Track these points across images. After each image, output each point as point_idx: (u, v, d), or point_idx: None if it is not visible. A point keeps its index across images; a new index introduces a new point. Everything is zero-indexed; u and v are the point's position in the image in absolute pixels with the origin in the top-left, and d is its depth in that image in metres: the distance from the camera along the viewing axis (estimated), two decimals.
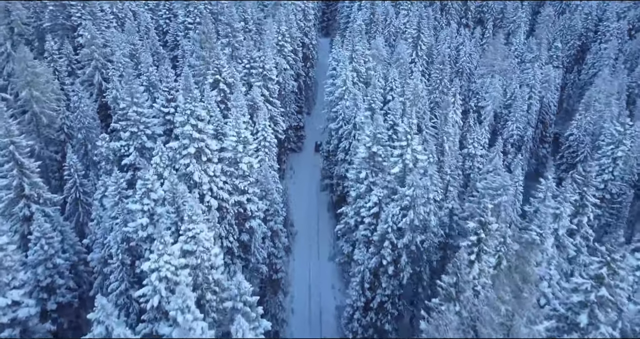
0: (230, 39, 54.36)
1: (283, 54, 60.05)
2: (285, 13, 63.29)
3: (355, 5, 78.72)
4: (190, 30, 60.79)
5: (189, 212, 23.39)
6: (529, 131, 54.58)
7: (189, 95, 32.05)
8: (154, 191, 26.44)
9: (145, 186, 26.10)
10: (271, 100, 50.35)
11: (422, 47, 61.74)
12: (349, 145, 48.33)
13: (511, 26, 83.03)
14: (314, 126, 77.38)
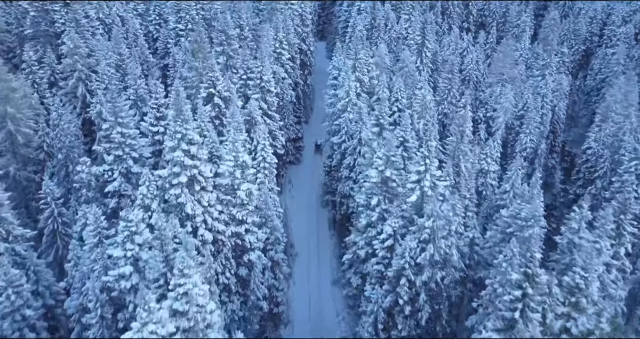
0: (224, 47, 50.18)
1: (281, 62, 55.93)
2: (283, 18, 59.17)
3: (354, 10, 74.66)
4: (181, 37, 56.46)
5: (180, 265, 19.23)
6: (542, 144, 50.86)
7: (180, 117, 27.84)
8: (138, 234, 22.23)
9: (129, 229, 21.88)
10: (270, 113, 46.21)
11: (426, 54, 57.84)
12: (353, 162, 44.30)
13: (515, 30, 79.27)
14: (312, 134, 73.65)
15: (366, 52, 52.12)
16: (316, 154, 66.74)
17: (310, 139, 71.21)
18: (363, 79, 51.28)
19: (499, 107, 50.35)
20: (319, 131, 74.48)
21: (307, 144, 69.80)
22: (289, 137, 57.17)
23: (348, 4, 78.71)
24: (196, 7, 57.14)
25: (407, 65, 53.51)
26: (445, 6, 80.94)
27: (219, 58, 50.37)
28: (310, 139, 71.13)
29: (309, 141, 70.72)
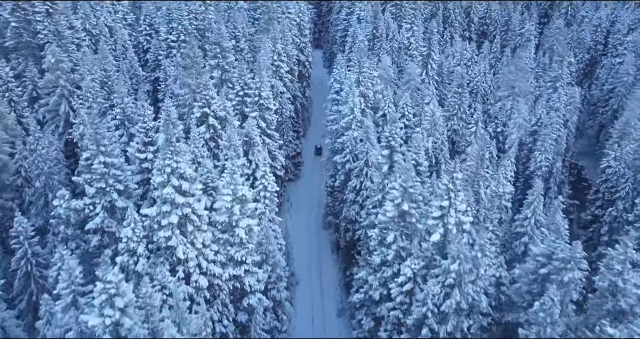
0: (219, 60, 46.22)
1: (279, 75, 52.09)
2: (281, 29, 55.35)
3: (353, 18, 71.04)
4: (173, 48, 52.52)
5: None
6: (558, 162, 47.38)
7: (170, 148, 23.88)
8: (120, 296, 18.23)
9: (107, 291, 17.89)
10: (269, 133, 42.33)
11: (432, 66, 54.25)
12: (360, 184, 40.47)
13: (518, 39, 76.13)
14: (310, 146, 69.94)
15: (370, 65, 48.41)
16: (316, 156, 65.88)
17: (309, 152, 67.67)
18: (367, 94, 47.56)
19: (512, 123, 46.81)
20: (317, 140, 70.99)
21: (306, 159, 66.11)
22: (287, 155, 53.27)
23: (347, 13, 75.08)
24: (189, 17, 53.19)
25: (413, 79, 49.89)
26: (446, 15, 77.60)
27: (214, 72, 46.47)
28: (309, 153, 67.54)
29: (308, 154, 67.06)
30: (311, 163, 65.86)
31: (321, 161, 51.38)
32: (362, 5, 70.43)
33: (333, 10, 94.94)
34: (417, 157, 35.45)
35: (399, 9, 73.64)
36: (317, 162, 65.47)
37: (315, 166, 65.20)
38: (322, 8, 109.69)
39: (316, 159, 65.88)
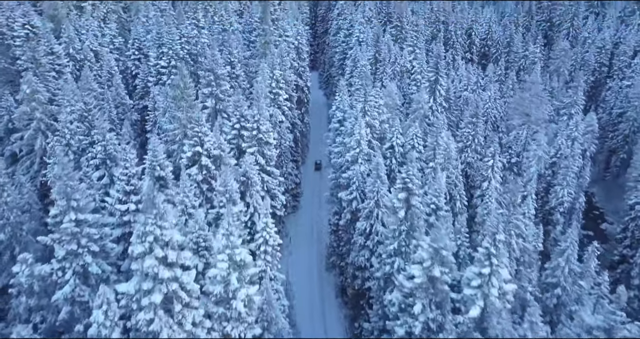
0: (213, 88, 41.78)
1: (277, 103, 47.62)
2: (279, 53, 51.04)
3: (352, 41, 67.05)
4: (163, 75, 47.93)
5: None
6: (581, 197, 43.16)
7: (153, 211, 19.07)
8: None
9: None
10: (268, 169, 37.64)
11: (440, 93, 50.12)
12: (370, 227, 35.73)
13: (522, 62, 72.64)
14: (309, 174, 65.64)
15: (376, 93, 44.13)
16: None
17: (308, 180, 63.25)
18: (374, 124, 43.20)
19: (531, 155, 42.56)
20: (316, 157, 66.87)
21: (305, 189, 61.54)
22: (287, 188, 48.53)
23: (345, 35, 71.17)
24: (180, 42, 48.72)
25: (422, 107, 45.70)
26: (447, 36, 74.05)
27: (207, 101, 41.96)
28: (308, 181, 63.07)
29: (306, 183, 62.53)
30: (310, 187, 61.70)
31: (324, 195, 46.97)
32: (362, 27, 66.54)
33: (329, 31, 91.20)
34: (437, 201, 30.92)
35: (399, 31, 69.96)
36: (316, 186, 61.91)
37: (315, 190, 61.27)
38: (318, 28, 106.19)
39: (315, 178, 63.82)
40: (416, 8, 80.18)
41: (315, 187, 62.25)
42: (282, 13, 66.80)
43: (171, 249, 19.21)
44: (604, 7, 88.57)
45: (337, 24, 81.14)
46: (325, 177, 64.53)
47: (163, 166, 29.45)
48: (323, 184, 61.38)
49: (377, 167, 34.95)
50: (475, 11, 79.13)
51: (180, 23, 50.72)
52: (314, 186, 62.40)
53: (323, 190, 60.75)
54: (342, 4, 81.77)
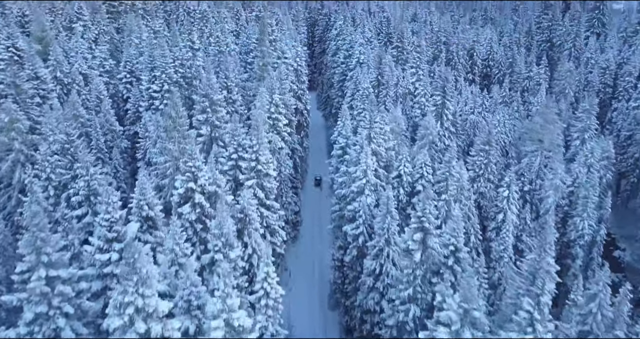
0: (208, 114, 38.82)
1: (277, 129, 44.67)
2: (277, 76, 48.28)
3: (352, 62, 64.56)
4: (155, 99, 44.90)
5: None
6: (602, 230, 40.15)
7: (134, 274, 15.73)
8: None
9: None
10: (268, 204, 34.40)
11: (447, 117, 47.38)
12: (379, 267, 32.41)
13: (526, 83, 70.37)
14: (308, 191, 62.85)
15: (382, 118, 41.25)
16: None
17: (308, 202, 60.27)
18: (380, 152, 40.22)
19: (547, 185, 39.61)
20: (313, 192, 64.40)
21: (304, 212, 58.34)
22: (287, 219, 45.22)
23: (345, 56, 68.78)
24: (174, 65, 45.86)
25: (430, 133, 42.84)
26: (449, 57, 71.86)
27: (202, 128, 38.94)
28: (307, 203, 60.04)
29: (306, 205, 59.47)
30: (310, 209, 59.17)
31: (325, 222, 43.73)
32: (362, 48, 64.16)
33: (327, 52, 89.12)
34: (456, 241, 27.71)
35: (401, 52, 67.64)
36: (316, 207, 59.50)
37: (315, 214, 58.55)
38: (315, 48, 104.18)
39: (315, 197, 61.98)
40: (416, 28, 78.17)
41: (315, 209, 59.73)
42: (279, 34, 64.41)
43: (155, 320, 15.84)
44: (605, 27, 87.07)
45: (336, 45, 78.99)
46: (325, 194, 63.54)
47: (152, 205, 26.22)
48: (323, 204, 59.70)
49: (387, 202, 31.80)
50: (477, 31, 77.15)
51: (174, 45, 47.97)
52: (314, 208, 59.89)
53: (323, 212, 58.53)
54: (340, 24, 79.77)
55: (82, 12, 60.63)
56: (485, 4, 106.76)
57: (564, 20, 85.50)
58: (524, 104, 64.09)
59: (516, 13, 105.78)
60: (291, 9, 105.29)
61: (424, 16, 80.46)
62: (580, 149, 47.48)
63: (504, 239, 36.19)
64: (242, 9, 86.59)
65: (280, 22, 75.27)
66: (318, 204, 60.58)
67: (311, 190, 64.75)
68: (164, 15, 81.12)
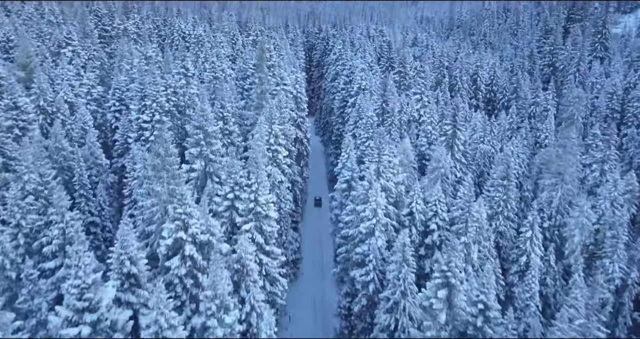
0: (202, 148, 35.25)
1: (276, 161, 41.11)
2: (277, 104, 45.00)
3: (354, 88, 61.52)
4: (145, 130, 41.36)
5: None
6: (633, 272, 36.50)
7: None
8: None
9: None
10: (268, 249, 30.51)
11: (458, 147, 44.10)
12: (395, 323, 28.46)
13: (533, 109, 67.61)
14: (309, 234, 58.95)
15: (390, 150, 37.88)
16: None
17: (308, 231, 56.82)
18: (389, 187, 36.67)
19: (573, 223, 36.05)
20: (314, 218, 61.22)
21: (305, 241, 54.72)
22: (287, 260, 41.25)
23: (345, 82, 65.92)
24: (166, 93, 42.49)
25: (442, 166, 39.44)
26: (452, 82, 69.24)
27: (196, 162, 35.29)
28: (307, 233, 56.54)
29: (306, 234, 55.95)
30: (310, 237, 56.31)
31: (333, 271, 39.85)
32: (364, 74, 61.32)
33: (326, 77, 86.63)
34: (486, 299, 23.92)
35: (403, 77, 64.94)
36: (316, 237, 56.46)
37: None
38: (313, 73, 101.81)
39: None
40: (417, 53, 75.77)
41: (316, 233, 57.21)
42: (278, 59, 61.59)
43: None
44: (607, 52, 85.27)
45: (335, 70, 76.43)
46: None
47: (135, 259, 22.37)
48: (324, 227, 57.03)
49: (402, 249, 28.05)
50: (480, 56, 74.84)
51: (167, 72, 44.72)
52: (314, 233, 57.35)
53: (324, 235, 55.74)
54: (339, 49, 77.34)
55: (71, 37, 57.54)
56: (485, 29, 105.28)
57: (565, 45, 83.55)
58: (532, 130, 61.22)
59: (515, 37, 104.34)
60: (289, 33, 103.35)
61: (424, 40, 78.13)
62: (600, 181, 44.21)
63: (529, 286, 32.43)
64: (238, 33, 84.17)
65: (278, 46, 72.71)
66: (318, 225, 58.60)
67: (311, 211, 62.27)
68: (158, 40, 78.41)
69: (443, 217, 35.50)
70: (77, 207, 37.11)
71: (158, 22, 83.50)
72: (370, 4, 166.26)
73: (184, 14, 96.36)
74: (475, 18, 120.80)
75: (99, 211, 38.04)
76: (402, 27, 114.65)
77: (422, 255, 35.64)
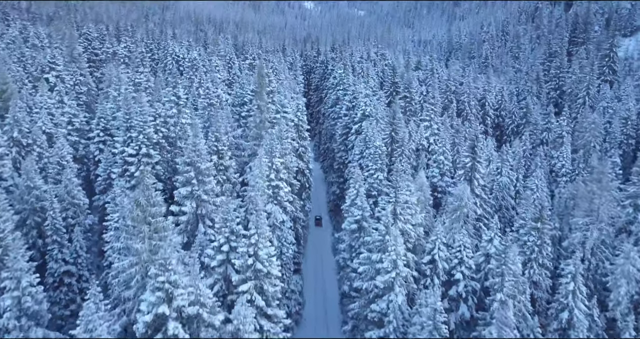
0: (194, 187, 30.48)
1: (277, 199, 36.25)
2: (278, 134, 40.37)
3: (358, 114, 57.04)
4: (131, 165, 36.47)
5: None
6: None
7: None
8: None
9: None
10: (270, 313, 25.34)
11: (478, 182, 39.48)
12: None
13: (545, 135, 63.59)
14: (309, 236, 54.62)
15: (407, 186, 33.13)
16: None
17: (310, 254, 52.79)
18: (407, 230, 31.83)
19: (619, 272, 31.20)
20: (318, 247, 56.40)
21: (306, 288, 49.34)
22: (289, 311, 35.96)
23: (347, 107, 61.60)
24: (155, 123, 37.79)
25: (464, 205, 34.74)
26: (460, 107, 65.26)
27: (186, 203, 30.45)
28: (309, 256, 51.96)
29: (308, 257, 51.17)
30: (313, 262, 51.46)
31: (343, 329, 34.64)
32: (368, 100, 57.09)
33: (325, 101, 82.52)
34: None
35: (409, 103, 60.83)
36: (319, 260, 51.89)
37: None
38: (311, 97, 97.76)
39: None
40: (421, 77, 71.96)
41: (318, 258, 52.22)
42: (277, 84, 57.40)
43: None
44: (616, 75, 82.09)
45: (336, 94, 72.28)
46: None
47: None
48: (325, 250, 53.30)
49: (433, 315, 23.03)
50: (488, 80, 71.12)
51: (157, 100, 40.13)
52: (316, 257, 52.32)
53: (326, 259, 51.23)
54: (340, 73, 73.40)
55: (55, 61, 53.09)
56: (485, 52, 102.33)
57: (572, 68, 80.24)
58: (546, 158, 57.00)
59: (517, 61, 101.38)
60: (287, 57, 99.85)
61: (428, 64, 74.48)
62: (635, 218, 39.58)
63: None
64: (235, 57, 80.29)
65: (277, 70, 68.79)
66: (320, 250, 53.76)
67: (312, 230, 58.41)
68: (151, 64, 74.25)
69: (469, 265, 30.70)
70: (49, 255, 32.07)
71: (151, 46, 79.49)
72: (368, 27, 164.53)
73: (179, 37, 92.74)
74: (475, 41, 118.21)
75: (74, 258, 32.82)
76: (403, 51, 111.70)
77: (446, 308, 30.64)
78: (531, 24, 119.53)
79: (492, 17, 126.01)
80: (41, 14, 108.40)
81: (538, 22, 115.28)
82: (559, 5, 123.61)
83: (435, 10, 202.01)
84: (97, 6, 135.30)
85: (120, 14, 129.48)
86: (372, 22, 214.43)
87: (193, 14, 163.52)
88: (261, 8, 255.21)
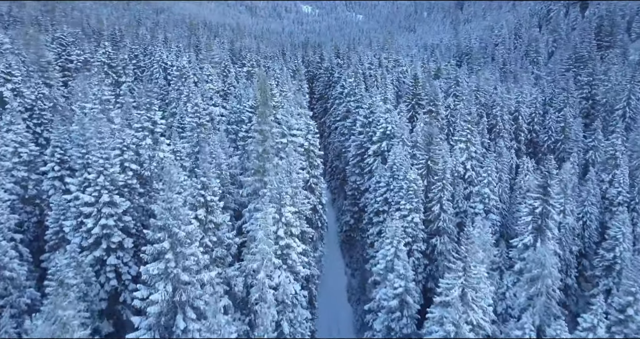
0: (168, 264, 20.20)
1: (288, 262, 25.79)
2: (286, 167, 29.94)
3: (378, 133, 46.66)
4: (88, 217, 25.80)
5: None
6: None
7: None
8: None
9: None
10: None
11: (553, 233, 29.09)
12: None
13: (591, 154, 53.47)
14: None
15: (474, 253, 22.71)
16: None
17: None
18: (481, 323, 21.43)
19: None
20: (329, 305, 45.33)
21: None
22: None
23: (362, 124, 51.05)
24: (122, 159, 27.13)
25: (548, 273, 24.41)
26: (492, 122, 55.04)
27: (158, 286, 20.00)
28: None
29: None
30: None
31: None
32: (389, 116, 46.66)
33: (332, 113, 72.32)
34: None
35: (435, 119, 50.54)
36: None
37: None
38: (315, 107, 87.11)
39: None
40: (444, 86, 61.62)
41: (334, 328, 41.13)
42: (281, 98, 47.00)
43: None
44: None
45: (346, 107, 61.97)
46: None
47: None
48: (343, 311, 43.50)
49: None
50: (521, 89, 61.00)
51: (127, 125, 29.56)
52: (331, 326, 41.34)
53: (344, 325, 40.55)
54: (350, 82, 63.02)
55: (11, 71, 42.33)
56: (502, 57, 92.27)
57: (608, 75, 70.25)
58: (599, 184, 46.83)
59: (536, 66, 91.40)
60: (287, 63, 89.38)
61: (450, 71, 64.17)
62: None
63: None
64: (230, 64, 69.68)
65: (279, 80, 58.40)
66: (334, 297, 44.26)
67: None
68: (135, 72, 63.55)
69: None
70: None
71: (137, 51, 68.73)
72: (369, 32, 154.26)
73: (170, 42, 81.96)
74: (487, 45, 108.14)
75: None
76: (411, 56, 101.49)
77: None
78: (546, 27, 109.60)
79: (504, 21, 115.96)
80: (22, 18, 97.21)
81: (554, 25, 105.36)
82: (574, 6, 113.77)
83: (437, 14, 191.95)
84: (89, 9, 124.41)
85: (113, 18, 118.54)
86: (371, 26, 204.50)
87: (188, 18, 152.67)
88: (258, 12, 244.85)
